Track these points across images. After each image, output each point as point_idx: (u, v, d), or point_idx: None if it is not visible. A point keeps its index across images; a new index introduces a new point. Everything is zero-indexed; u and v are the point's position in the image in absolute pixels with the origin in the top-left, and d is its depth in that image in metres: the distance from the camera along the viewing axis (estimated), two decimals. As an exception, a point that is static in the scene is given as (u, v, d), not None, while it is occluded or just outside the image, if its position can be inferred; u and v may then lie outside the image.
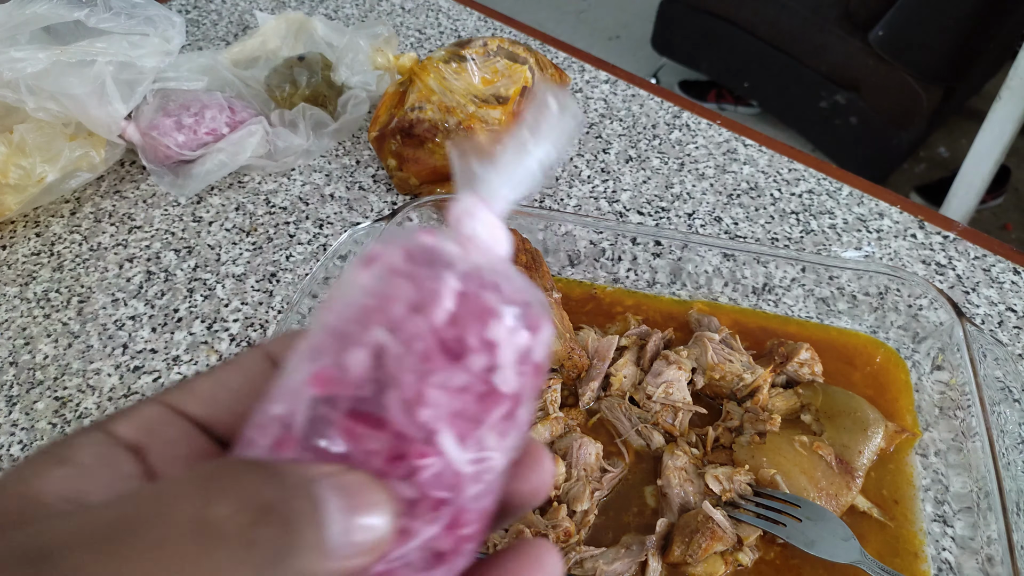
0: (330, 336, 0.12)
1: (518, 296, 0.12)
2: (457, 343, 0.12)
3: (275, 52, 0.58)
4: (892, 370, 0.40)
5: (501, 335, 0.12)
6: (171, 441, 0.13)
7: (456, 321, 0.12)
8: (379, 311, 0.12)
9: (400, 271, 0.12)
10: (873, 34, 1.29)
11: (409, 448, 0.12)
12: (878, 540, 0.33)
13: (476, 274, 0.12)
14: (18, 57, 0.45)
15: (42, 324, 0.45)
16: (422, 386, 0.12)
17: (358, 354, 0.12)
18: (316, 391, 0.12)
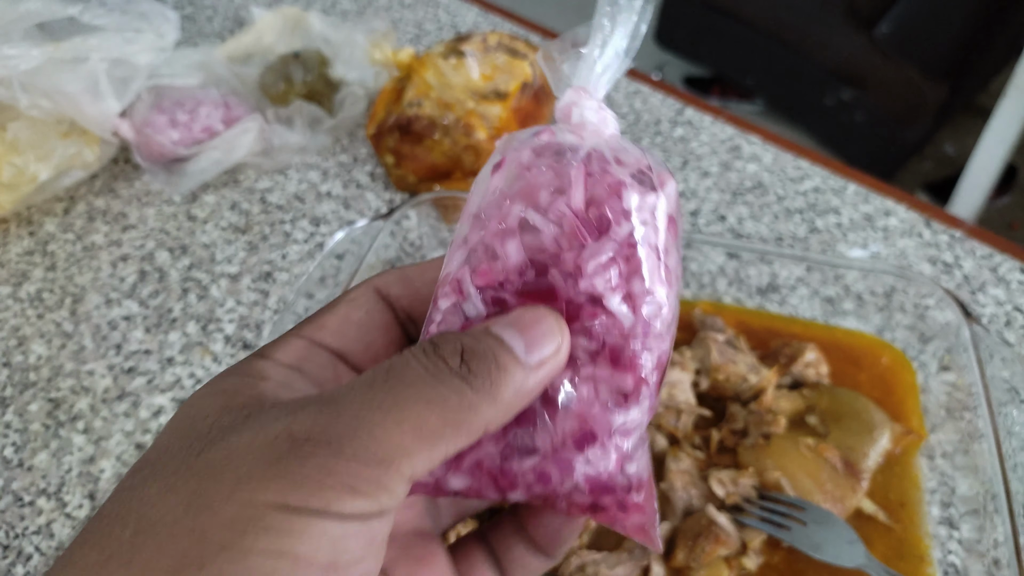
0: (482, 234, 0.15)
1: (638, 163, 0.14)
2: (600, 218, 0.14)
3: (271, 48, 0.57)
4: (898, 371, 0.39)
5: (633, 201, 0.14)
6: (319, 366, 0.15)
7: (594, 200, 0.14)
8: (525, 201, 0.14)
9: (532, 165, 0.14)
10: (878, 30, 1.28)
11: (579, 312, 0.14)
12: (884, 543, 0.33)
13: (598, 154, 0.14)
14: (11, 54, 0.44)
15: (35, 324, 0.44)
16: (579, 259, 0.14)
17: (513, 244, 0.14)
18: (482, 282, 0.14)
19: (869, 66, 1.31)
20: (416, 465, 0.13)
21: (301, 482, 0.12)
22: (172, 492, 0.12)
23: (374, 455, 0.12)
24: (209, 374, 0.41)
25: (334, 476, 0.12)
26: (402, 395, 0.13)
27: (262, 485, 0.12)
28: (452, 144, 0.48)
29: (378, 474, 0.12)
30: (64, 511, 0.35)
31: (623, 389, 0.15)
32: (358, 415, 0.13)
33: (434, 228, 0.44)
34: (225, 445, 0.13)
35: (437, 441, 0.13)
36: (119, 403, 0.40)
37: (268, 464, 0.12)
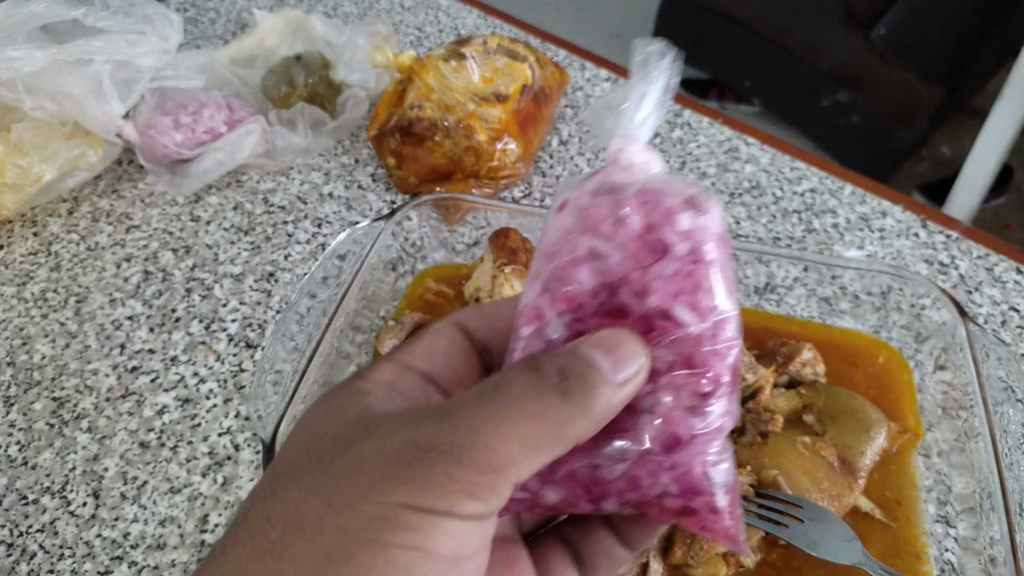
0: (554, 265, 0.16)
1: (686, 191, 0.16)
2: (658, 241, 0.16)
3: (273, 50, 0.58)
4: (895, 370, 0.40)
5: (685, 223, 0.16)
6: (411, 386, 0.17)
7: (650, 226, 0.16)
8: (591, 233, 0.16)
9: (592, 204, 0.16)
10: (875, 32, 1.28)
11: (652, 325, 0.16)
12: (880, 541, 0.33)
13: (648, 188, 0.16)
14: (15, 56, 0.45)
15: (39, 324, 0.44)
16: (645, 278, 0.16)
17: (585, 270, 0.16)
18: (562, 307, 0.16)
19: (866, 68, 1.31)
20: (521, 472, 0.15)
21: (428, 487, 0.13)
22: (313, 494, 0.14)
23: (488, 464, 0.14)
24: (212, 373, 0.41)
25: (456, 482, 0.14)
26: (510, 409, 0.15)
27: (394, 488, 0.13)
28: (453, 146, 0.48)
29: (491, 480, 0.14)
30: (68, 509, 0.36)
31: (701, 391, 0.16)
32: (473, 427, 0.14)
33: (435, 229, 0.45)
34: (355, 452, 0.14)
35: (539, 451, 0.15)
36: (123, 402, 0.40)
37: (398, 469, 0.14)
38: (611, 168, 0.17)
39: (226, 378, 0.41)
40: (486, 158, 0.49)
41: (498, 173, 0.50)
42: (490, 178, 0.50)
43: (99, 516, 0.35)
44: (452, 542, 0.13)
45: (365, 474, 0.14)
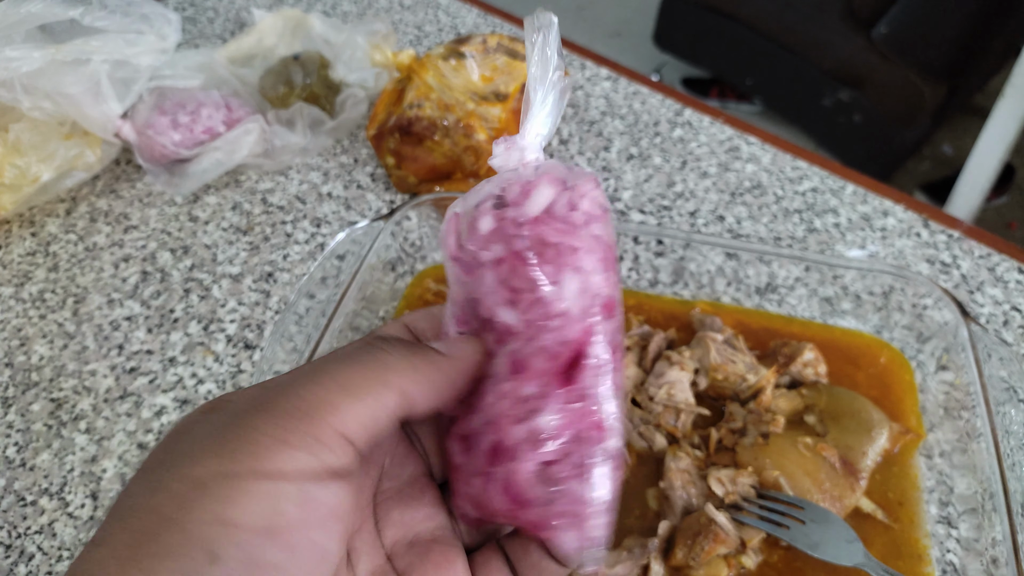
0: (455, 291, 0.18)
1: (491, 192, 0.16)
2: (469, 255, 0.17)
3: (272, 49, 0.57)
4: (896, 370, 0.39)
5: (486, 227, 0.16)
6: None
7: (459, 243, 0.17)
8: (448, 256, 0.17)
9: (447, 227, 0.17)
10: (876, 31, 1.28)
11: (500, 336, 0.16)
12: (882, 542, 0.33)
13: (465, 199, 0.17)
14: (13, 56, 0.44)
15: (38, 325, 0.44)
16: (480, 291, 0.16)
17: (458, 290, 0.17)
18: (461, 328, 0.18)
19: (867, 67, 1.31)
20: (344, 417, 0.14)
21: (236, 446, 0.13)
22: (143, 479, 0.14)
23: (298, 409, 0.13)
24: (211, 374, 0.41)
25: (264, 433, 0.13)
26: (329, 362, 0.15)
27: (204, 459, 0.13)
28: (452, 145, 0.48)
29: (305, 425, 0.13)
30: (66, 511, 0.36)
31: (522, 394, 0.16)
32: (290, 382, 0.14)
33: (434, 229, 0.44)
34: (188, 436, 0.14)
35: (360, 394, 0.14)
36: (121, 403, 0.40)
37: (212, 439, 0.13)
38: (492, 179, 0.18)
39: (225, 379, 0.41)
40: (486, 157, 0.49)
41: (498, 173, 0.50)
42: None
43: (97, 518, 0.35)
44: (263, 509, 0.13)
45: (184, 453, 0.13)
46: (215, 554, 0.12)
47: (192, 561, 0.12)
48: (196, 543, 0.12)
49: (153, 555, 0.12)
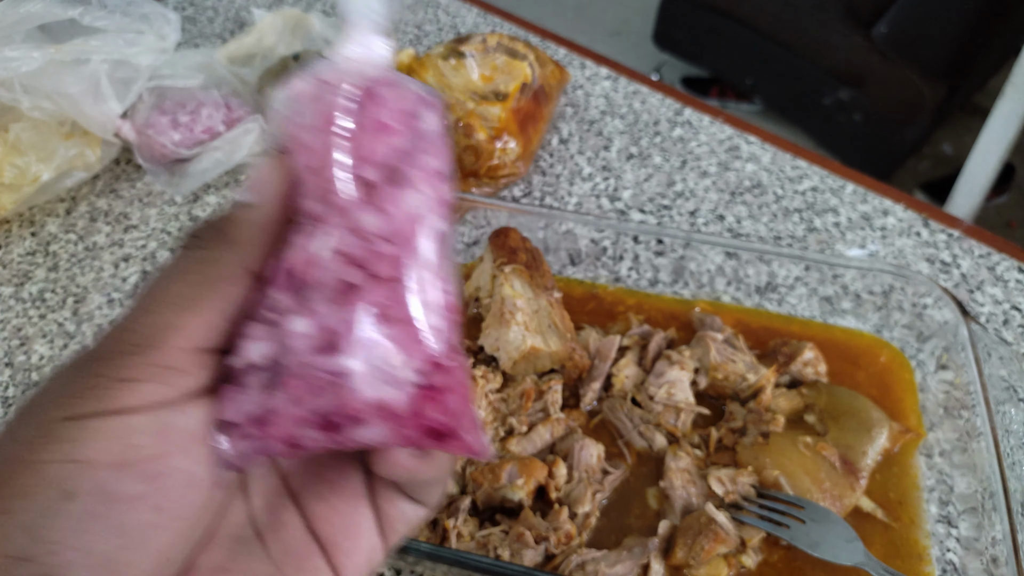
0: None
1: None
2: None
3: (272, 49, 0.57)
4: (896, 370, 0.39)
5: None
6: None
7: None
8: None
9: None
10: (876, 30, 1.28)
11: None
12: (882, 541, 0.33)
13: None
14: (13, 56, 0.44)
15: (38, 325, 0.44)
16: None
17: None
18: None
19: (867, 66, 1.31)
20: (192, 332, 0.14)
21: (80, 392, 0.13)
22: (7, 432, 0.14)
23: (132, 345, 0.13)
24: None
25: (104, 375, 0.13)
26: (151, 289, 0.14)
27: (51, 404, 0.13)
28: (452, 145, 0.48)
29: (147, 355, 0.13)
30: None
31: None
32: (118, 323, 0.14)
33: (434, 228, 0.44)
34: (38, 390, 0.14)
35: (198, 302, 0.14)
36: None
37: (58, 389, 0.13)
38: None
39: (225, 378, 0.41)
40: (486, 157, 0.49)
41: (498, 172, 0.50)
42: (490, 177, 0.50)
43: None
44: (113, 444, 0.13)
45: (35, 402, 0.14)
46: (69, 491, 0.12)
47: (46, 499, 0.12)
48: (48, 481, 0.12)
49: (9, 496, 0.12)
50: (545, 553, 0.32)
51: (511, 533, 0.32)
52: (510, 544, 0.31)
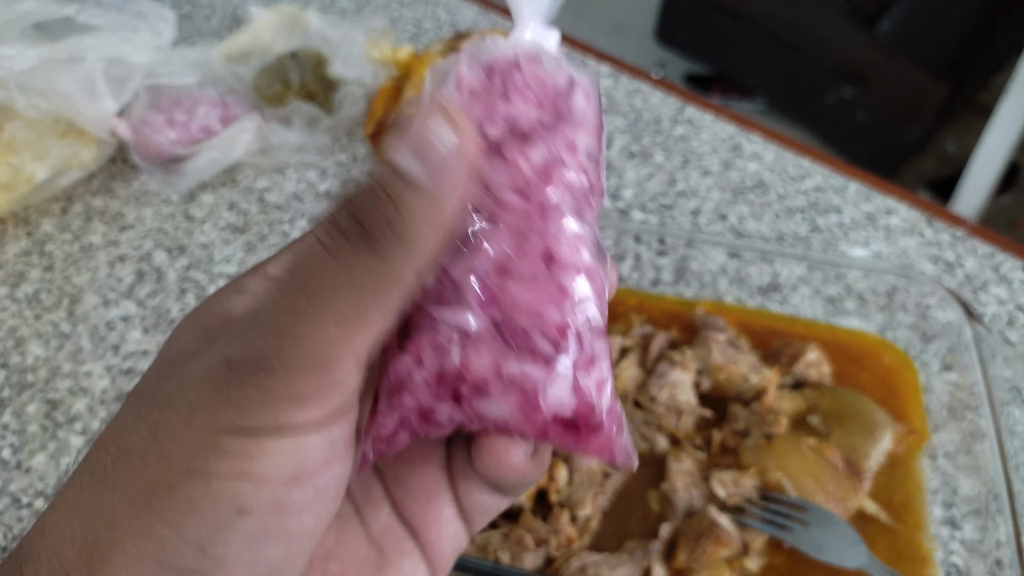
0: None
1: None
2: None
3: (268, 46, 0.57)
4: (900, 371, 0.39)
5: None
6: None
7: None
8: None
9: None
10: (880, 28, 1.27)
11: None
12: (886, 544, 0.33)
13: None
14: (7, 54, 0.44)
15: (33, 325, 0.44)
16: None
17: None
18: None
19: (870, 64, 1.30)
20: (357, 349, 0.13)
21: (245, 406, 0.12)
22: (142, 420, 0.13)
23: (305, 361, 0.12)
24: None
25: (273, 393, 0.12)
26: (314, 291, 0.13)
27: (212, 412, 0.12)
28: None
29: (317, 376, 0.12)
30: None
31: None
32: (279, 327, 0.13)
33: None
34: (181, 372, 0.13)
35: (365, 318, 0.13)
36: (117, 404, 0.40)
37: (213, 391, 0.12)
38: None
39: (221, 379, 0.40)
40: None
41: (497, 171, 0.49)
42: (489, 176, 0.50)
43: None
44: (287, 460, 0.12)
45: (185, 398, 0.13)
46: (243, 507, 0.12)
47: (220, 515, 0.12)
48: (223, 497, 0.12)
49: (176, 508, 0.12)
50: (545, 556, 0.32)
51: (511, 536, 0.31)
52: (510, 547, 0.31)
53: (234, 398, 0.12)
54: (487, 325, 0.14)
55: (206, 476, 0.12)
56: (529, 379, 0.14)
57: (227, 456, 0.12)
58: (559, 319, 0.14)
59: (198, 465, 0.12)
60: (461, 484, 0.16)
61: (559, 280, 0.14)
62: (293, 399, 0.12)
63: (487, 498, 0.16)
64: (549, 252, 0.14)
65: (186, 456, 0.12)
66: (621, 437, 0.14)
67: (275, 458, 0.12)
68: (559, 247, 0.14)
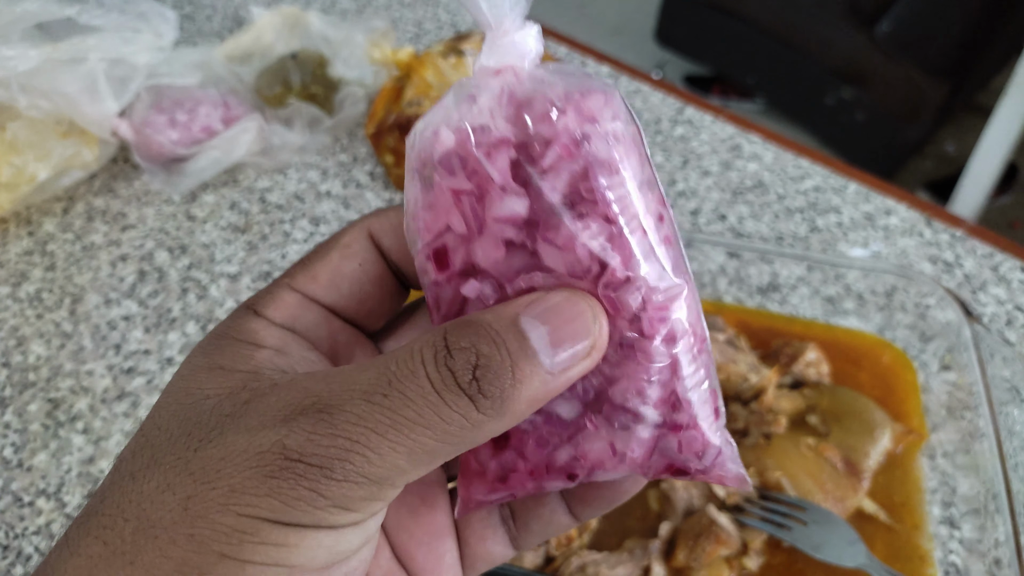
0: None
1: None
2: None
3: (270, 47, 0.57)
4: (899, 371, 0.39)
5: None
6: (313, 324, 0.15)
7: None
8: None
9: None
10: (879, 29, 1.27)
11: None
12: (884, 543, 0.33)
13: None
14: (9, 55, 0.44)
15: (35, 325, 0.44)
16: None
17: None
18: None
19: (870, 65, 1.30)
20: (409, 478, 0.13)
21: (293, 503, 0.12)
22: (170, 491, 0.12)
23: (367, 477, 0.12)
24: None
25: (326, 499, 0.12)
26: (402, 415, 0.12)
27: (255, 500, 0.12)
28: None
29: (371, 493, 0.12)
30: (64, 512, 0.35)
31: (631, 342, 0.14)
32: (352, 435, 0.12)
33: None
34: (221, 443, 0.12)
35: (435, 461, 0.13)
36: (119, 403, 0.40)
37: (261, 479, 0.12)
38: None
39: (223, 379, 0.40)
40: (485, 156, 0.48)
41: (497, 171, 0.49)
42: (489, 176, 0.50)
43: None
44: (323, 553, 0.12)
45: (227, 477, 0.12)
46: None
47: None
48: None
49: None
50: (545, 555, 0.32)
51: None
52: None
53: (283, 493, 0.12)
54: (581, 410, 0.14)
55: (241, 562, 0.12)
56: (639, 447, 0.14)
57: (265, 545, 0.12)
58: (647, 388, 0.14)
59: (233, 550, 0.12)
60: (473, 529, 0.16)
61: (646, 352, 0.14)
62: (341, 507, 0.12)
63: (499, 549, 0.17)
64: (625, 332, 0.14)
65: (221, 539, 0.12)
66: (730, 465, 0.15)
67: (313, 551, 0.12)
68: (633, 324, 0.14)
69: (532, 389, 0.13)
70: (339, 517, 0.12)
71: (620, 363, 0.14)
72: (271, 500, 0.12)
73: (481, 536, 0.17)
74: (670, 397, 0.14)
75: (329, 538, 0.12)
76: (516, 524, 0.17)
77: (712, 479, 0.15)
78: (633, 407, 0.14)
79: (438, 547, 0.16)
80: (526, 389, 0.13)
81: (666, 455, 0.15)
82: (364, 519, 0.13)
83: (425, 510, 0.16)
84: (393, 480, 0.12)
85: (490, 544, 0.17)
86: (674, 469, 0.15)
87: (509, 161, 0.13)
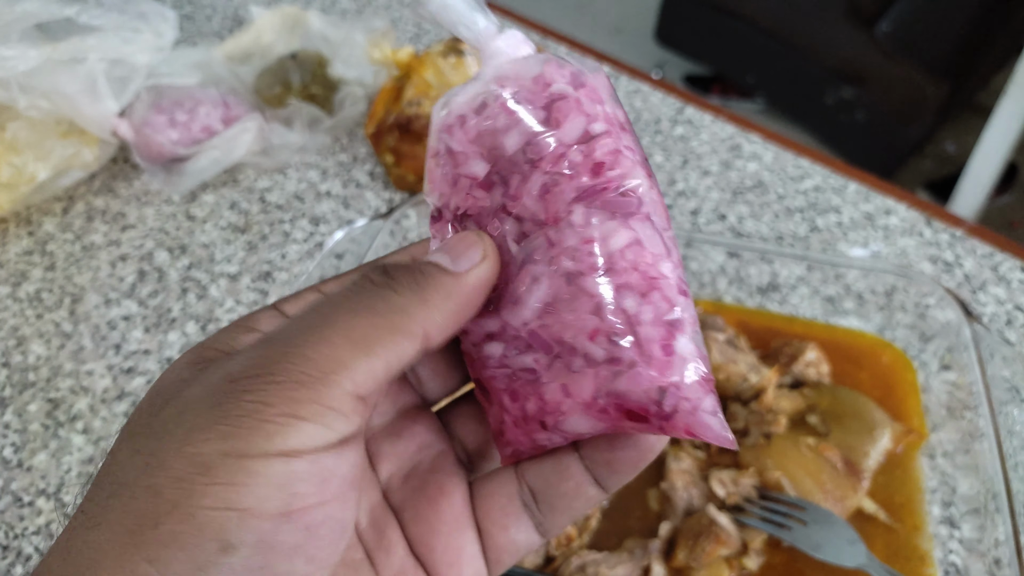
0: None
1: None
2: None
3: (270, 47, 0.57)
4: (899, 370, 0.39)
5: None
6: None
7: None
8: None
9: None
10: (879, 28, 1.27)
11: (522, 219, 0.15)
12: (884, 543, 0.33)
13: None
14: (9, 55, 0.44)
15: (34, 325, 0.44)
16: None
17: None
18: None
19: (870, 64, 1.30)
20: (357, 377, 0.12)
21: (240, 422, 0.12)
22: (137, 453, 0.12)
23: (307, 374, 0.12)
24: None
25: (271, 407, 0.12)
26: (329, 315, 0.13)
27: (205, 435, 0.12)
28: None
29: (317, 392, 0.12)
30: (64, 511, 0.35)
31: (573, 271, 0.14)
32: (289, 340, 0.13)
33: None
34: (178, 399, 0.13)
35: (373, 346, 0.13)
36: (118, 403, 0.40)
37: (210, 411, 0.12)
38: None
39: (223, 379, 0.40)
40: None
41: (497, 171, 0.49)
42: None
43: (94, 519, 0.35)
44: (276, 493, 0.12)
45: (181, 424, 0.12)
46: (228, 542, 0.11)
47: (204, 551, 0.11)
48: (207, 532, 0.11)
49: (159, 543, 0.11)
50: (545, 555, 0.32)
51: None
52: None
53: (230, 415, 0.12)
54: (545, 357, 0.15)
55: (190, 508, 0.11)
56: (587, 387, 0.14)
57: (214, 486, 0.11)
58: (597, 324, 0.14)
59: (184, 497, 0.11)
60: (492, 518, 0.16)
61: (586, 289, 0.14)
62: (290, 416, 0.12)
63: (524, 537, 0.16)
64: (570, 272, 0.14)
65: (174, 487, 0.11)
66: (705, 416, 0.14)
67: (265, 489, 0.12)
68: (576, 260, 0.14)
69: (445, 283, 0.14)
70: (290, 434, 0.12)
71: (570, 303, 0.14)
72: (220, 427, 0.12)
73: (503, 525, 0.16)
74: (615, 330, 0.14)
75: (281, 473, 0.12)
76: (540, 507, 0.16)
77: (678, 431, 0.14)
78: (580, 346, 0.14)
79: (458, 538, 0.16)
80: (437, 282, 0.14)
81: (615, 395, 0.14)
82: (315, 447, 0.12)
83: (443, 499, 0.16)
84: (337, 376, 0.12)
85: (513, 532, 0.16)
86: (631, 413, 0.14)
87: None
